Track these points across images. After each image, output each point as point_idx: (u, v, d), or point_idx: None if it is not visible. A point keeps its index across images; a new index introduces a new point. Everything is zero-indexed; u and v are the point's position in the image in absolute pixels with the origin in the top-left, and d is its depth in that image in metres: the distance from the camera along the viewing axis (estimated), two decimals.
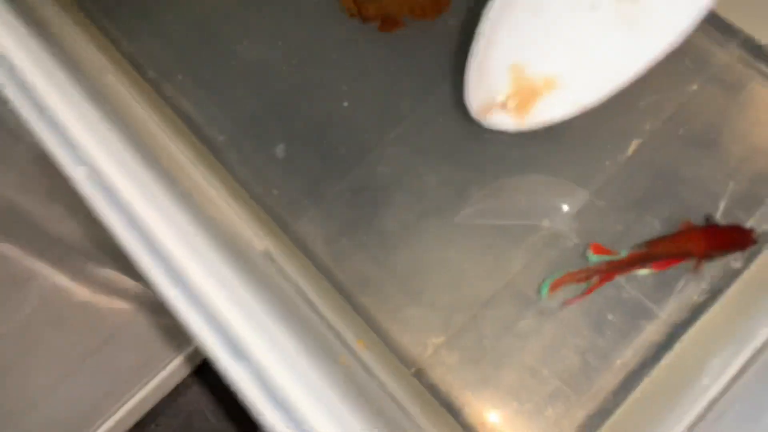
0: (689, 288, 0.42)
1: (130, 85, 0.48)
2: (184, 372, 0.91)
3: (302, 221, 0.46)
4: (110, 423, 0.83)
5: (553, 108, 0.38)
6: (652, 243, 0.42)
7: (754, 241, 0.41)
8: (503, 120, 0.39)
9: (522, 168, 0.46)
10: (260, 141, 0.48)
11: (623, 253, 0.42)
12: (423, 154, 0.47)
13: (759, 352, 0.39)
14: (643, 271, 0.42)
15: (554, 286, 0.42)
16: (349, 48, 0.51)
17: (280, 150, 0.48)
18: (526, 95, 0.37)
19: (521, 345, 0.42)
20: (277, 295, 0.34)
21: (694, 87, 0.47)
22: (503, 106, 0.37)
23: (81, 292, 0.71)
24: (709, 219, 0.43)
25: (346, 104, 0.49)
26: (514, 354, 0.42)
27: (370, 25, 0.51)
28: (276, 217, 0.46)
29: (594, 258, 0.42)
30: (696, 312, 0.42)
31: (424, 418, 0.40)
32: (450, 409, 0.41)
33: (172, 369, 0.87)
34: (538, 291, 0.43)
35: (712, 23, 0.47)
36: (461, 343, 0.43)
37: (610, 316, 0.42)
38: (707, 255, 0.41)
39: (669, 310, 0.42)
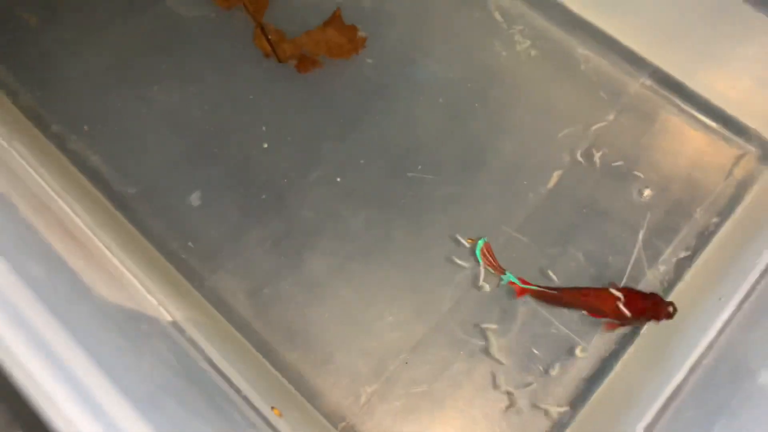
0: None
1: (27, 149, 0.45)
2: None
3: (221, 274, 0.44)
4: None
5: None
6: (565, 290, 0.42)
7: (669, 315, 0.40)
8: None
9: (445, 206, 0.46)
10: (174, 190, 0.46)
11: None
12: (346, 196, 0.46)
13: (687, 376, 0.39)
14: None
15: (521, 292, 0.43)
16: (266, 89, 0.49)
17: (195, 197, 0.46)
18: None
19: (453, 390, 0.41)
20: (185, 370, 0.32)
21: (610, 117, 0.48)
22: None
23: None
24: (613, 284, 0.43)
25: (265, 146, 0.48)
26: (447, 400, 0.41)
27: (287, 66, 0.49)
28: (191, 275, 0.44)
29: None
30: (622, 344, 0.42)
31: None
32: None
33: None
34: (499, 282, 0.43)
35: (622, 55, 0.48)
36: (394, 391, 0.41)
37: (536, 351, 0.42)
38: (618, 317, 0.41)
39: (596, 344, 0.42)
